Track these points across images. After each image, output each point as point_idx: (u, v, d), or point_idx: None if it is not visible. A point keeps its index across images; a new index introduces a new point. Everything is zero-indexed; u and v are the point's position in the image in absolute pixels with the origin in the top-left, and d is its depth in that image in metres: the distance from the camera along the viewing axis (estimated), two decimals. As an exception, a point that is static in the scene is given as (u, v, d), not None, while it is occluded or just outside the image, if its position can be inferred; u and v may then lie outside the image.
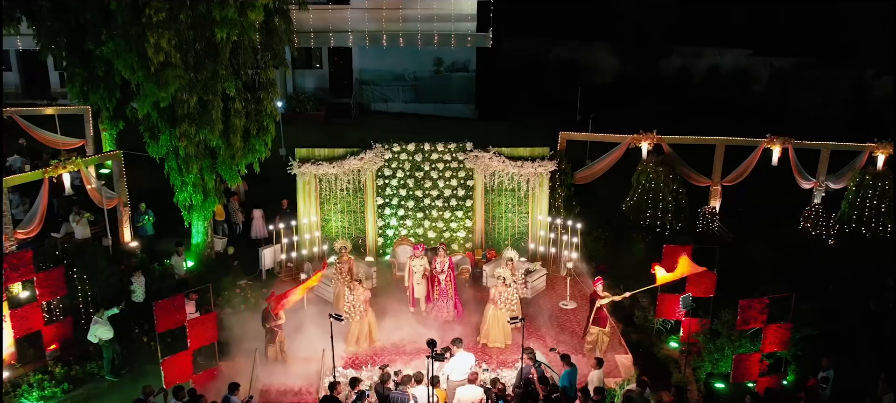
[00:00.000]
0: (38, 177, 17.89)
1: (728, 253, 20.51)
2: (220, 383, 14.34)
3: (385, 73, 35.26)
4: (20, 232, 17.58)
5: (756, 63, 42.95)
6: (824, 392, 13.76)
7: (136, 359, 15.65)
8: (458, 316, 16.97)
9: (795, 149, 22.61)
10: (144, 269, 18.04)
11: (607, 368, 14.73)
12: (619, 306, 18.24)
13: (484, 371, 14.31)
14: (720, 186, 23.00)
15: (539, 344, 15.60)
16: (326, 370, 14.20)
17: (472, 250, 20.00)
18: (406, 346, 15.83)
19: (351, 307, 15.44)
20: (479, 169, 19.53)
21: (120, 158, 19.86)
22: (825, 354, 14.97)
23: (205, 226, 19.20)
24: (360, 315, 15.54)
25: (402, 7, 32.37)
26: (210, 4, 15.73)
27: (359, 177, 19.43)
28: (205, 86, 16.84)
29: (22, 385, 14.50)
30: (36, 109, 24.62)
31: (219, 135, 17.54)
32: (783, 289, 15.81)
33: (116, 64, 17.99)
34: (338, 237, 19.58)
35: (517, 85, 40.82)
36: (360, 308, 15.54)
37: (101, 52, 19.91)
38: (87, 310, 16.39)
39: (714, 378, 15.51)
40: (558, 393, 12.79)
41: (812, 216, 22.77)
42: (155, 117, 17.22)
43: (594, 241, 20.98)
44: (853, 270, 20.36)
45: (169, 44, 15.68)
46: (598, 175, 22.92)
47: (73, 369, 15.09)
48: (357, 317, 15.51)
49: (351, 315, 15.38)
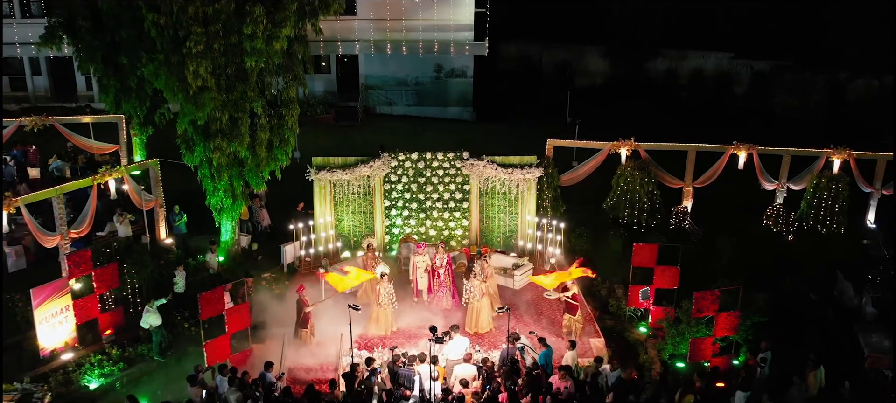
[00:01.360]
0: (87, 183, 20.23)
1: (697, 249, 23.14)
2: (251, 362, 16.72)
3: (389, 79, 37.39)
4: (73, 232, 19.92)
5: (737, 66, 44.91)
6: (763, 370, 16.09)
7: (179, 342, 18.03)
8: (456, 305, 19.27)
9: (759, 154, 24.96)
10: (182, 264, 20.44)
11: (582, 349, 17.09)
12: (597, 296, 20.69)
13: (476, 352, 16.70)
14: (692, 187, 25.32)
15: (524, 329, 17.94)
16: (344, 351, 16.57)
17: (468, 246, 22.30)
18: (411, 330, 18.18)
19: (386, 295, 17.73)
20: (474, 175, 21.83)
21: (156, 165, 22.20)
22: (770, 338, 17.39)
23: (233, 226, 21.56)
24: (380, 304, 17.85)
25: (404, 18, 34.55)
26: (241, 36, 18.02)
27: (368, 182, 21.74)
28: (235, 105, 19.14)
29: (84, 365, 16.87)
30: (74, 118, 26.75)
31: (246, 147, 19.86)
32: (742, 282, 18.27)
33: (156, 84, 20.26)
34: (350, 235, 21.97)
35: (512, 89, 42.88)
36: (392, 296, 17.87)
37: (141, 73, 22.25)
38: (136, 300, 18.80)
39: (675, 359, 17.86)
40: (538, 370, 15.17)
41: (774, 214, 25.01)
42: (191, 131, 19.54)
43: (577, 238, 23.28)
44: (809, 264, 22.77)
45: (205, 71, 17.98)
46: (582, 177, 25.17)
47: (126, 351, 17.44)
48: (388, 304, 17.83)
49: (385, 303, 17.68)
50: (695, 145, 24.90)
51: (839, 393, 15.99)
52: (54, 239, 19.35)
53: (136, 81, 25.27)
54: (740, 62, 44.83)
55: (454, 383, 15.02)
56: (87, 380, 16.47)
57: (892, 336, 18.35)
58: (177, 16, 17.62)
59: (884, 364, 17.41)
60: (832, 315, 20.27)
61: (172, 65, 18.40)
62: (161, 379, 16.83)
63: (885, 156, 25.04)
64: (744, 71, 44.90)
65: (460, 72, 37.15)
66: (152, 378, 16.89)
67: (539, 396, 14.19)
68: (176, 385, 16.27)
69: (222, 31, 17.99)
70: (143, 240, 21.93)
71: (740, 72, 44.95)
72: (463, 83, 37.31)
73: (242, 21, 17.72)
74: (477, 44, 34.86)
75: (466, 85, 37.33)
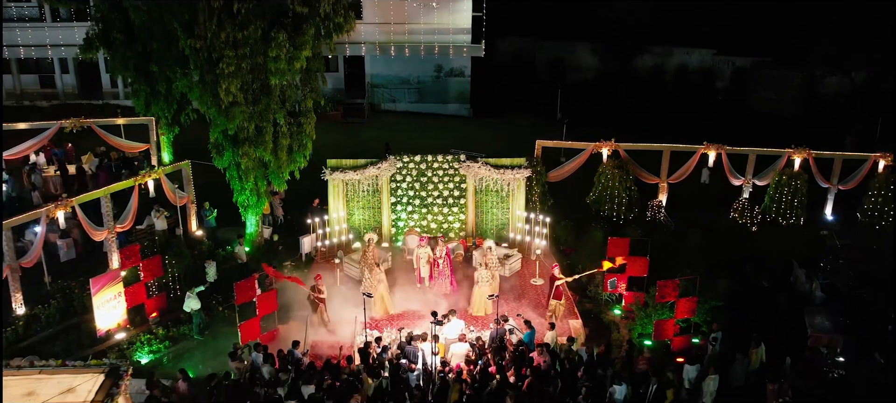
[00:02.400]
0: (130, 184, 22.69)
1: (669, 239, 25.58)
2: (278, 341, 19.22)
3: (393, 78, 39.70)
4: (118, 227, 22.40)
5: (719, 62, 47.20)
6: (714, 348, 18.60)
7: (214, 323, 20.53)
8: (454, 291, 21.72)
9: (727, 153, 27.36)
10: (211, 255, 22.96)
11: (562, 329, 19.60)
12: (578, 281, 23.16)
13: (470, 331, 19.23)
14: (666, 183, 27.75)
15: (513, 312, 20.41)
16: (358, 330, 19.09)
17: (464, 238, 24.76)
18: (415, 313, 20.65)
19: (370, 285, 20.20)
20: (470, 175, 24.26)
21: (188, 166, 24.64)
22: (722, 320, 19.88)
23: (257, 220, 24.05)
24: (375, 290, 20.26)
25: (407, 22, 36.76)
26: (266, 58, 20.40)
27: (376, 181, 24.16)
28: (260, 116, 21.53)
29: (135, 343, 19.38)
30: (109, 120, 29.10)
31: (269, 152, 22.31)
32: (702, 271, 20.79)
33: (190, 96, 22.69)
34: (360, 228, 24.46)
35: (507, 85, 45.14)
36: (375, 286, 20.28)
37: (175, 87, 24.69)
38: (175, 287, 21.33)
39: (643, 337, 20.39)
40: (523, 347, 17.72)
41: (740, 208, 27.51)
42: (221, 139, 21.96)
43: (562, 229, 25.79)
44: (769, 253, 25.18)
45: (235, 88, 20.36)
46: (568, 174, 27.66)
47: (170, 330, 19.93)
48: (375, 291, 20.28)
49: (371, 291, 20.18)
50: (669, 145, 27.30)
51: (780, 368, 18.50)
52: (103, 232, 21.85)
53: (165, 87, 27.71)
54: (722, 58, 47.10)
55: (451, 358, 17.58)
56: (139, 356, 18.97)
57: (833, 318, 20.81)
58: (211, 40, 19.98)
59: (823, 342, 19.82)
60: (784, 299, 22.63)
61: (206, 82, 20.77)
62: (201, 355, 19.31)
63: (841, 156, 27.51)
64: (725, 67, 47.17)
65: (459, 72, 39.46)
66: (193, 355, 19.38)
67: (523, 368, 16.74)
68: (214, 360, 18.79)
69: (250, 54, 20.35)
70: (177, 233, 24.47)
71: (722, 67, 47.22)
72: (461, 82, 39.63)
73: (268, 45, 20.07)
74: (474, 46, 37.10)
75: (464, 83, 39.65)
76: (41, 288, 21.10)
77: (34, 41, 37.38)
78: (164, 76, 27.48)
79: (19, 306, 19.92)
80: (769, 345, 18.86)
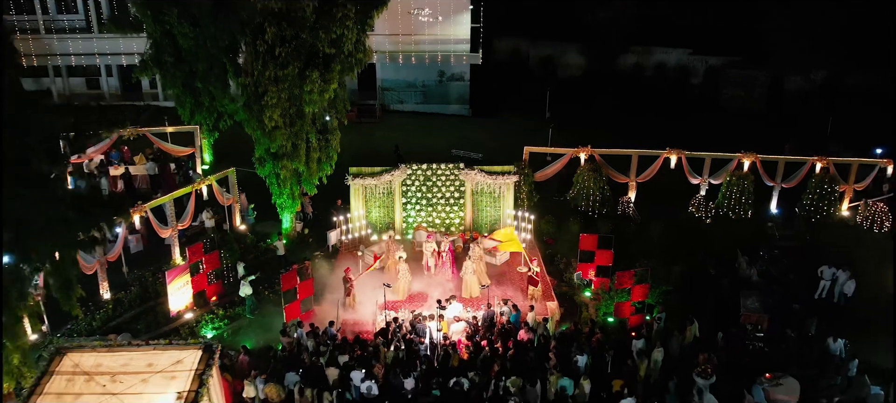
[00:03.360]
0: (189, 190, 26.97)
1: (636, 230, 29.86)
2: (314, 319, 23.54)
3: (401, 82, 43.72)
4: (180, 225, 26.71)
5: (694, 61, 51.03)
6: (659, 325, 22.97)
7: (262, 305, 24.90)
8: (455, 276, 26.08)
9: (687, 157, 31.49)
10: (254, 248, 27.32)
11: (540, 310, 23.95)
12: (557, 268, 27.45)
13: (467, 312, 23.61)
14: (635, 182, 31.97)
15: (502, 295, 24.75)
16: (379, 310, 23.45)
17: (463, 232, 29.11)
18: (423, 295, 25.00)
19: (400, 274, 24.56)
20: (468, 180, 28.49)
21: (233, 173, 28.89)
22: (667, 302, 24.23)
23: (291, 217, 28.36)
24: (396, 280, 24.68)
25: (414, 33, 40.77)
26: (302, 91, 24.55)
27: (390, 185, 28.43)
28: (296, 135, 25.75)
29: (200, 322, 23.79)
30: (161, 128, 33.23)
31: (303, 164, 26.57)
32: (654, 262, 25.11)
33: (236, 117, 26.89)
34: (376, 223, 28.75)
35: (502, 84, 49.05)
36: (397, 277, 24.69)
37: (218, 103, 28.88)
38: (229, 276, 25.70)
39: (607, 316, 24.76)
40: (510, 326, 22.12)
41: (697, 203, 31.75)
42: (264, 154, 26.20)
43: (546, 223, 30.08)
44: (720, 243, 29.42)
45: (277, 116, 24.57)
46: (552, 174, 31.88)
47: (227, 311, 24.36)
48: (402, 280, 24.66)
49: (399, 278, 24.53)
50: (637, 150, 31.49)
51: (713, 341, 22.81)
52: (168, 230, 26.18)
53: (208, 100, 31.94)
54: (697, 58, 50.86)
55: (452, 333, 22.01)
56: (204, 332, 23.39)
57: (763, 299, 25.00)
58: (257, 78, 24.15)
59: (752, 320, 24.09)
60: (727, 284, 26.90)
61: (253, 110, 24.97)
62: (253, 331, 23.71)
63: (784, 159, 31.69)
64: (700, 65, 50.95)
65: (459, 77, 43.49)
66: (247, 331, 23.75)
67: (508, 342, 21.17)
68: (264, 335, 23.20)
69: (288, 87, 24.51)
70: (224, 228, 28.82)
71: (697, 66, 51.01)
72: (461, 85, 43.70)
73: (303, 81, 24.24)
74: (472, 54, 41.13)
75: (464, 87, 43.73)
76: (121, 277, 25.42)
77: (83, 50, 41.37)
78: (207, 91, 31.76)
79: (106, 292, 24.31)
80: (709, 323, 23.24)
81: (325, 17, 23.84)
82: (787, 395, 20.37)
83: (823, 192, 31.40)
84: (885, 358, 22.37)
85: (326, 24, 23.78)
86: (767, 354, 22.51)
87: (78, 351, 16.98)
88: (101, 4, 42.06)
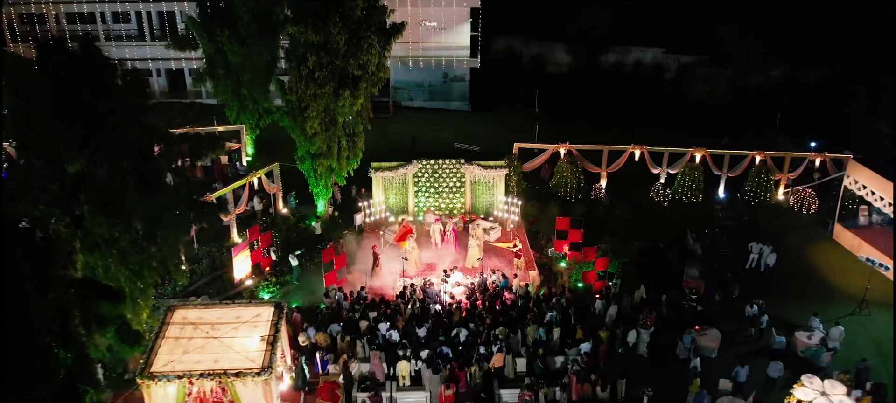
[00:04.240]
0: (245, 181, 32.55)
1: (606, 212, 35.45)
2: (348, 285, 29.25)
3: (411, 82, 49.08)
4: (237, 210, 32.34)
5: (668, 59, 56.03)
6: (614, 289, 28.68)
7: (305, 274, 30.57)
8: (457, 251, 31.82)
9: (648, 151, 36.95)
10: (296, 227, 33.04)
11: (523, 277, 29.66)
12: (539, 244, 33.04)
13: (466, 278, 29.33)
14: (605, 172, 37.46)
15: (494, 267, 30.44)
16: (398, 278, 29.19)
17: (464, 214, 34.75)
18: (432, 266, 30.64)
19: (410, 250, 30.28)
20: (468, 172, 34.05)
21: (277, 167, 34.48)
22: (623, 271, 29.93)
23: (325, 202, 34.04)
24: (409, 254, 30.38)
25: (422, 41, 46.16)
26: (336, 105, 30.06)
27: (404, 177, 34.03)
28: (330, 138, 31.33)
29: (258, 287, 29.47)
30: (213, 128, 38.59)
31: (335, 161, 32.19)
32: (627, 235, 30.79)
33: (281, 123, 32.45)
34: (394, 207, 34.35)
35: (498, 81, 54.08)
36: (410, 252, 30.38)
37: (260, 106, 34.49)
38: (278, 251, 31.38)
39: (577, 282, 30.40)
40: (499, 289, 27.89)
41: (657, 190, 37.25)
42: (304, 154, 31.81)
43: (531, 207, 35.68)
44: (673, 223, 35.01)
45: (317, 125, 30.14)
46: (537, 166, 37.40)
47: (279, 279, 30.07)
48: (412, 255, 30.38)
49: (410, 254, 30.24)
50: (607, 146, 36.94)
51: (657, 301, 28.46)
52: (230, 216, 31.85)
53: (252, 104, 37.47)
54: (670, 56, 55.83)
55: (455, 295, 27.78)
56: (262, 294, 29.15)
57: (701, 269, 30.55)
58: (300, 95, 29.70)
59: (692, 285, 29.70)
60: (674, 256, 32.43)
61: (296, 120, 30.53)
62: (300, 294, 29.38)
63: (729, 152, 37.14)
64: (672, 63, 55.96)
65: (460, 78, 48.91)
66: (295, 294, 29.36)
67: (497, 302, 26.95)
68: (309, 297, 28.86)
69: (325, 102, 30.06)
70: (270, 212, 34.50)
71: (670, 64, 56.01)
72: (462, 85, 49.14)
73: (337, 98, 29.77)
74: (471, 59, 46.54)
75: (464, 86, 49.17)
76: (191, 252, 31.06)
77: (137, 55, 46.77)
78: (251, 97, 37.27)
79: (183, 264, 30.02)
80: (656, 288, 28.88)
81: (354, 47, 29.23)
82: (710, 342, 26.17)
83: (761, 181, 36.89)
84: (789, 313, 28.01)
85: (355, 53, 29.21)
86: (700, 312, 28.12)
87: (183, 307, 22.81)
88: (152, 16, 47.38)
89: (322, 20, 28.24)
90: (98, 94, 19.01)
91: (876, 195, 32.30)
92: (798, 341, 26.18)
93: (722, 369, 24.56)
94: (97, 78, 19.49)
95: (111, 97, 19.42)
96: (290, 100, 30.15)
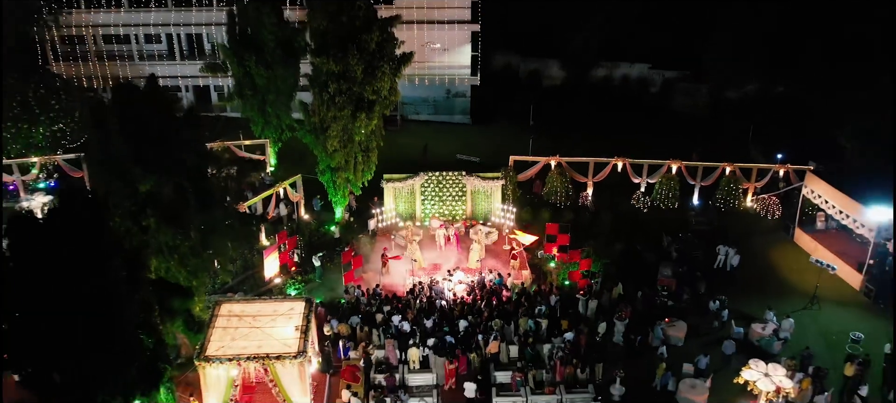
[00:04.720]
0: (273, 191, 36.25)
1: (591, 217, 39.09)
2: (364, 283, 32.91)
3: (417, 98, 52.71)
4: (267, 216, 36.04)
5: (653, 74, 59.38)
6: (596, 286, 32.37)
7: (327, 273, 34.23)
8: (459, 252, 35.51)
9: (630, 164, 40.53)
10: (316, 232, 36.76)
11: (517, 277, 33.33)
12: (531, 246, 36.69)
13: (467, 277, 33.02)
14: (592, 182, 41.09)
15: (491, 268, 34.11)
16: (408, 276, 32.86)
17: (465, 220, 38.42)
18: (437, 266, 34.31)
19: (413, 251, 33.99)
20: (468, 183, 37.77)
21: (300, 178, 38.18)
22: (604, 271, 33.58)
23: (342, 209, 37.77)
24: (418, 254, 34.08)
25: (426, 61, 49.88)
26: (353, 126, 33.77)
27: (412, 187, 37.72)
28: (347, 154, 35.06)
29: (286, 284, 33.15)
30: (240, 142, 42.19)
31: (352, 173, 35.91)
32: (608, 239, 34.45)
33: (303, 140, 36.19)
34: (403, 214, 38.08)
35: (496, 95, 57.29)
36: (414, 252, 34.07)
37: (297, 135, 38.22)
38: (302, 253, 35.11)
39: (565, 280, 34.01)
40: (496, 287, 31.60)
41: (637, 197, 40.83)
42: (325, 168, 35.54)
43: (525, 213, 39.33)
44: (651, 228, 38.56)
45: (336, 142, 33.86)
46: (531, 176, 41.05)
47: (303, 277, 33.70)
48: (416, 256, 34.09)
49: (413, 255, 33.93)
50: (592, 158, 40.56)
51: (633, 297, 32.09)
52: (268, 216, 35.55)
53: (276, 120, 41.21)
54: (655, 72, 59.17)
55: (457, 292, 31.50)
56: (289, 291, 32.83)
57: (673, 268, 34.08)
58: (322, 117, 33.44)
59: (664, 283, 33.29)
60: (651, 258, 35.94)
61: (318, 139, 34.27)
62: (322, 290, 32.99)
63: (702, 164, 40.75)
64: (657, 78, 59.35)
65: (462, 94, 52.61)
66: (317, 290, 32.94)
67: (494, 298, 30.67)
68: (330, 293, 32.51)
69: (343, 123, 33.76)
70: (294, 217, 38.23)
71: (655, 79, 59.40)
72: (463, 100, 52.86)
73: (354, 120, 33.49)
74: (472, 77, 50.36)
75: (466, 102, 52.88)
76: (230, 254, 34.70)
77: (168, 73, 50.46)
78: (275, 114, 41.01)
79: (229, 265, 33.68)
80: (632, 286, 32.45)
81: (369, 75, 32.95)
82: (677, 332, 29.83)
83: (731, 189, 40.49)
84: (748, 308, 31.60)
85: (370, 81, 32.93)
86: (670, 307, 31.66)
87: (228, 302, 26.55)
88: (182, 37, 51.12)
89: (342, 52, 31.93)
90: (164, 126, 22.72)
91: (829, 204, 35.86)
92: (753, 331, 29.82)
93: (686, 356, 28.16)
94: (162, 111, 23.20)
95: (173, 127, 23.11)
96: (313, 121, 33.85)
